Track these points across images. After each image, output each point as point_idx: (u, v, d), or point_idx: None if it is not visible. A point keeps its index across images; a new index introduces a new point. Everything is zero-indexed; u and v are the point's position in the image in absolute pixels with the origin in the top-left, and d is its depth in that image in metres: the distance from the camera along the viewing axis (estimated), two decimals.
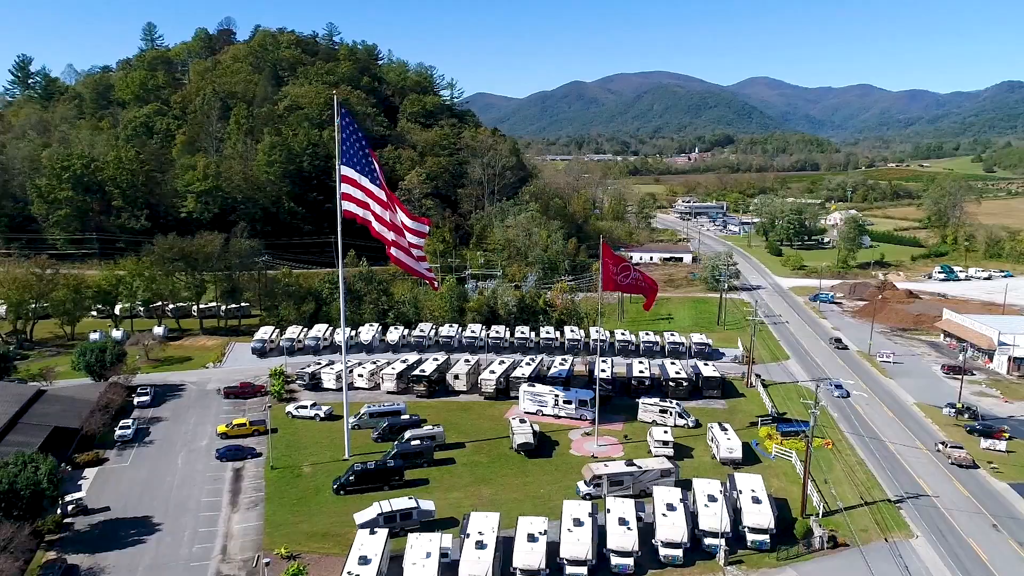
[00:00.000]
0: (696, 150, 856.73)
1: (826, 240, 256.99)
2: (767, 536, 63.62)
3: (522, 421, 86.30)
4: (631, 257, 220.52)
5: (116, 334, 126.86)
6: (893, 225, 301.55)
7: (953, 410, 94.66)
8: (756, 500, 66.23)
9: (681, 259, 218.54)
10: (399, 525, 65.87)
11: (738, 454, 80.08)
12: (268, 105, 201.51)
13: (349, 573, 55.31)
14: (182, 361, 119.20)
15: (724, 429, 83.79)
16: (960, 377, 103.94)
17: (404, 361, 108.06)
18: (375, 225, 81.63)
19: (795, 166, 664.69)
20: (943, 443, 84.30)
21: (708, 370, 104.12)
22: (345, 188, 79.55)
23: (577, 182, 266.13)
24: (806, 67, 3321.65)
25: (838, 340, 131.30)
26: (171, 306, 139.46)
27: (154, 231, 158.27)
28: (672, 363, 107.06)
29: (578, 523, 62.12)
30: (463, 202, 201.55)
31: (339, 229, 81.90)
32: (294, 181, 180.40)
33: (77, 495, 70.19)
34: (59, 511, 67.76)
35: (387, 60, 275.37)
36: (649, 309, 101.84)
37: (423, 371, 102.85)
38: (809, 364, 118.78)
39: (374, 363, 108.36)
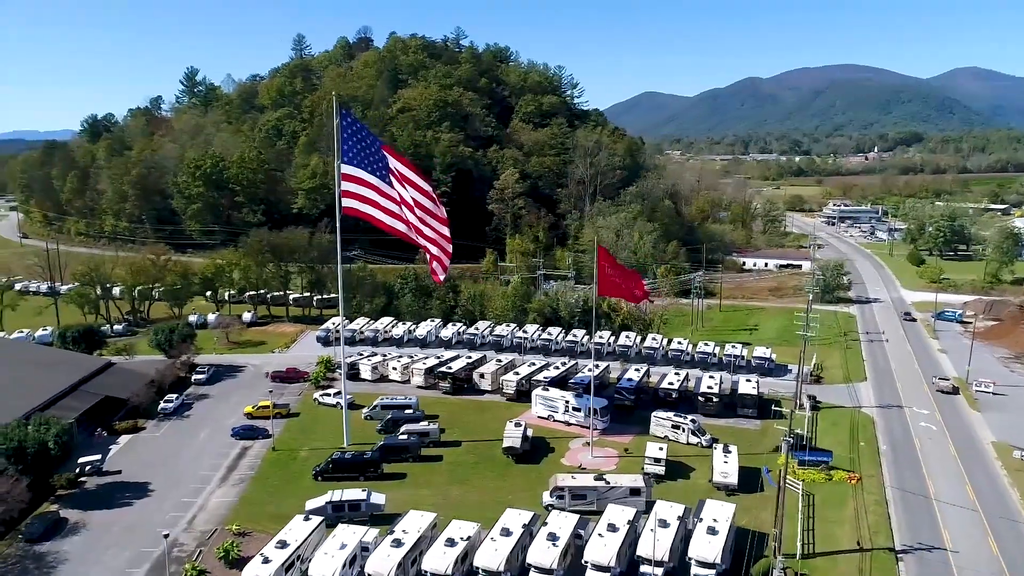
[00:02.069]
0: (875, 149, 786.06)
1: (987, 250, 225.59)
2: (713, 571, 57.72)
3: (517, 425, 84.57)
4: (743, 263, 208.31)
5: (211, 317, 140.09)
6: None
7: None
8: (712, 531, 60.37)
9: (800, 266, 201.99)
10: (347, 515, 67.41)
11: (733, 480, 73.31)
12: (383, 107, 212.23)
13: (262, 554, 57.61)
14: (256, 345, 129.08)
15: (727, 451, 77.02)
16: None
17: (438, 357, 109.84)
18: (384, 219, 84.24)
19: (994, 166, 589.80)
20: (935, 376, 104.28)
21: (746, 386, 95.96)
22: (346, 186, 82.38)
23: (699, 183, 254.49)
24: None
25: (907, 313, 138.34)
26: (271, 294, 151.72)
27: (268, 225, 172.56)
28: (711, 376, 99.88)
29: (506, 533, 60.27)
30: (563, 202, 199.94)
31: (338, 226, 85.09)
32: None
33: (93, 457, 78.53)
34: (76, 470, 76.41)
35: (515, 62, 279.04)
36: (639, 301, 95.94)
37: (449, 368, 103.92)
38: (886, 389, 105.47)
39: (410, 357, 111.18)
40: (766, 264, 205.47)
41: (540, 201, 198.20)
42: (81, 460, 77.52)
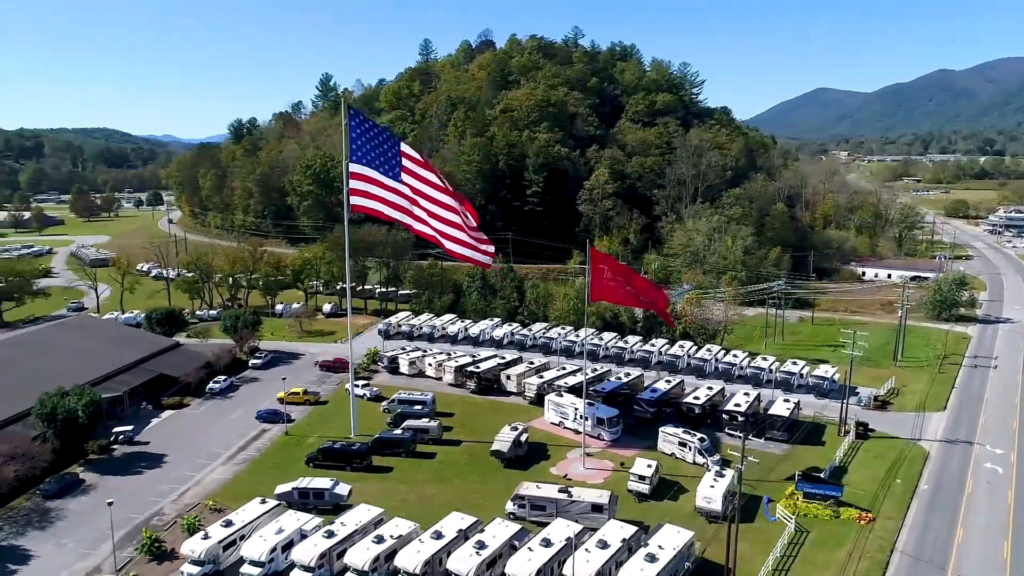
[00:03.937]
0: None
1: None
2: None
3: (514, 428, 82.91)
4: (862, 273, 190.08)
5: (295, 306, 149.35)
6: None
7: None
8: (651, 558, 55.88)
9: (927, 279, 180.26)
10: (312, 503, 69.58)
11: (716, 506, 67.35)
12: (487, 108, 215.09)
13: (205, 531, 61.08)
14: (325, 335, 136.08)
15: (720, 475, 70.85)
16: None
17: (472, 356, 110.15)
18: (393, 215, 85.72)
19: None
20: None
21: (780, 407, 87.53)
22: (354, 184, 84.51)
23: (826, 185, 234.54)
24: None
25: None
26: (360, 287, 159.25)
27: (365, 221, 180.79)
28: (745, 393, 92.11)
29: (437, 536, 59.55)
30: (660, 203, 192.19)
31: (346, 223, 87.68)
32: (487, 179, 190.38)
33: (126, 428, 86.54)
34: (111, 438, 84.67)
35: (635, 60, 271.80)
36: (671, 321, 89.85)
37: (476, 367, 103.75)
38: (962, 422, 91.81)
39: (447, 355, 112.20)
40: (889, 275, 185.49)
41: (638, 202, 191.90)
42: (116, 430, 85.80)
